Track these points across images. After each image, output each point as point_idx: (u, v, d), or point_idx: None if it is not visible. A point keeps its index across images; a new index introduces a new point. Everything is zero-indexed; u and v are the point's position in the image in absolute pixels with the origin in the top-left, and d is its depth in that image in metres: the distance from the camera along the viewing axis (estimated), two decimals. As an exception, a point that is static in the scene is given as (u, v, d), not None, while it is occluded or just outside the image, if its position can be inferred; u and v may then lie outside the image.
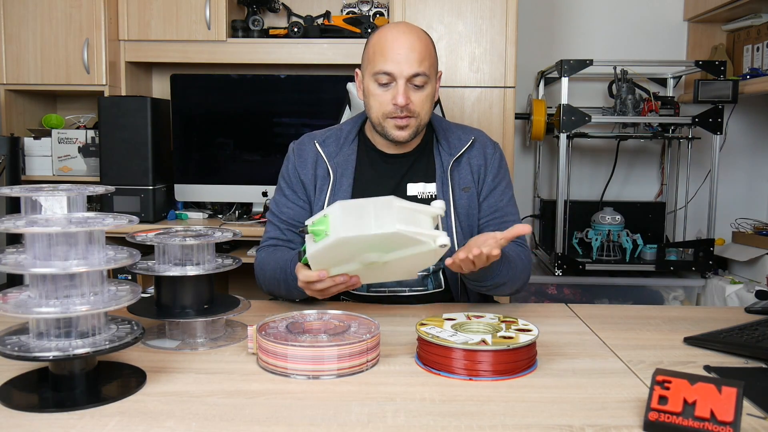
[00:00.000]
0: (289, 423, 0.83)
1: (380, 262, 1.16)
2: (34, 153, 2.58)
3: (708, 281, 2.58)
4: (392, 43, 1.37)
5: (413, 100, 1.38)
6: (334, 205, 1.11)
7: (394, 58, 1.36)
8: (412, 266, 1.21)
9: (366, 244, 1.10)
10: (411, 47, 1.36)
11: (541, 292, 2.63)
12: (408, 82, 1.37)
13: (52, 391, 0.92)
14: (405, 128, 1.41)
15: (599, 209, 2.68)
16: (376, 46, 1.39)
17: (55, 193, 0.92)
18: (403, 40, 1.37)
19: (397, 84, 1.37)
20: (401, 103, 1.36)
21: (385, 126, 1.41)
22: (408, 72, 1.36)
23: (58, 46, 2.48)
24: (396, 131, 1.41)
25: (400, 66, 1.36)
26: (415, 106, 1.39)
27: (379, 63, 1.37)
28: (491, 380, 0.97)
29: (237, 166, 2.62)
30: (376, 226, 1.07)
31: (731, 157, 2.89)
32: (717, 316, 1.36)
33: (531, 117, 2.69)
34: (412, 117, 1.40)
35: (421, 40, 1.39)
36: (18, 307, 0.89)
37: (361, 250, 1.13)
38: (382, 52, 1.37)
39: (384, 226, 1.07)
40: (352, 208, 1.09)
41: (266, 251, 1.47)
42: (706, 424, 0.78)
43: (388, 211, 1.08)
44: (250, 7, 2.61)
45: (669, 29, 2.90)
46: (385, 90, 1.39)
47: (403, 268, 1.21)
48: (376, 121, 1.43)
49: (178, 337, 1.15)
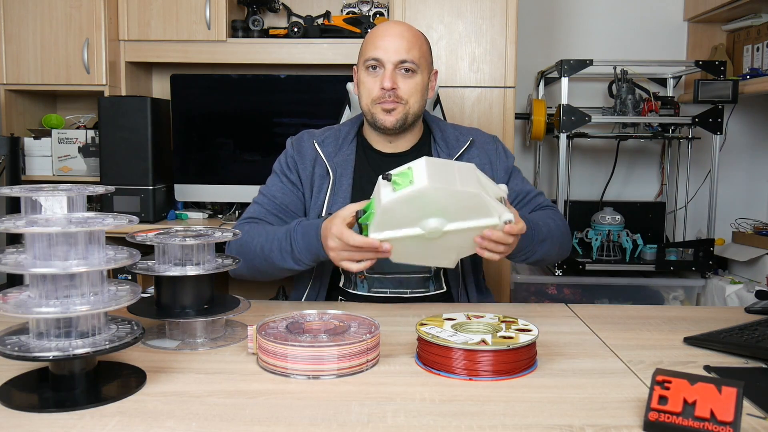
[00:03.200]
0: (289, 423, 0.83)
1: (438, 232, 1.14)
2: (34, 153, 2.58)
3: (708, 281, 2.58)
4: (382, 32, 1.42)
5: (401, 86, 1.41)
6: (418, 159, 1.11)
7: (382, 45, 1.40)
8: (461, 247, 1.19)
9: (440, 205, 1.10)
10: (400, 36, 1.41)
11: (541, 292, 2.63)
12: (396, 69, 1.40)
13: (52, 391, 0.92)
14: (392, 112, 1.42)
15: (599, 209, 2.68)
16: (368, 39, 1.44)
17: (55, 193, 0.92)
18: (393, 29, 1.42)
19: (385, 70, 1.40)
20: (387, 86, 1.39)
21: (374, 112, 1.44)
22: (395, 58, 1.40)
23: (58, 46, 2.48)
24: (383, 115, 1.42)
25: (388, 52, 1.40)
26: (403, 93, 1.41)
27: (369, 51, 1.42)
28: (491, 380, 0.97)
29: (237, 166, 2.62)
30: (461, 184, 1.08)
31: (731, 157, 2.89)
32: (717, 316, 1.36)
33: (531, 117, 2.69)
34: (400, 103, 1.42)
35: (411, 31, 1.43)
36: (18, 307, 0.88)
37: (430, 212, 1.12)
38: (372, 42, 1.42)
39: (468, 185, 1.08)
40: (437, 164, 1.11)
41: (248, 224, 1.44)
42: (706, 424, 0.78)
43: (470, 174, 1.12)
44: (250, 7, 2.61)
45: (669, 29, 2.90)
46: (374, 77, 1.42)
47: (451, 247, 1.18)
48: (365, 109, 1.45)
49: (178, 337, 1.15)
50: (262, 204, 1.48)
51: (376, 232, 1.15)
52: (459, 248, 1.20)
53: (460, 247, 1.19)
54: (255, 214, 1.47)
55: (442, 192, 1.08)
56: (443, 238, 1.15)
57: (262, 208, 1.48)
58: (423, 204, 1.10)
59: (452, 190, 1.08)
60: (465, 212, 1.12)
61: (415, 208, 1.11)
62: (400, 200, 1.09)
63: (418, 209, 1.11)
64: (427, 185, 1.06)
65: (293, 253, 1.32)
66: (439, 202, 1.10)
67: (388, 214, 1.12)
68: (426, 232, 1.13)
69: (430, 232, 1.13)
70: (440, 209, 1.11)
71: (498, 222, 1.13)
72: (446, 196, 1.08)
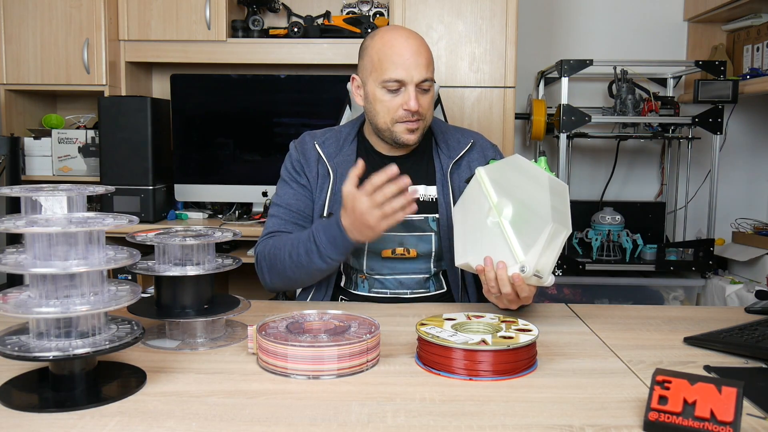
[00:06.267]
0: (289, 423, 0.83)
1: (495, 217, 1.19)
2: (34, 153, 2.58)
3: (708, 281, 2.58)
4: (399, 49, 1.37)
5: (421, 103, 1.39)
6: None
7: (403, 64, 1.36)
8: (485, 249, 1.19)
9: (532, 197, 1.16)
10: (418, 52, 1.37)
11: (541, 292, 2.63)
12: (416, 87, 1.38)
13: (52, 391, 0.92)
14: (415, 131, 1.42)
15: (599, 209, 2.68)
16: (381, 53, 1.39)
17: (55, 193, 0.92)
18: (409, 45, 1.37)
19: (407, 89, 1.37)
20: (414, 108, 1.37)
21: (395, 131, 1.41)
22: (417, 78, 1.37)
23: (58, 46, 2.48)
24: (407, 135, 1.41)
25: (410, 72, 1.36)
26: (423, 110, 1.40)
27: (388, 70, 1.37)
28: (491, 380, 0.97)
29: (237, 166, 2.62)
30: (552, 205, 1.14)
31: (731, 157, 2.89)
32: (717, 316, 1.36)
33: (531, 117, 2.69)
34: (421, 120, 1.41)
35: (424, 44, 1.41)
36: (18, 307, 0.88)
37: (520, 195, 1.18)
38: (390, 59, 1.37)
39: (555, 210, 1.14)
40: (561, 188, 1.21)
41: (272, 239, 1.44)
42: (706, 424, 0.78)
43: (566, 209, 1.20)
44: (250, 7, 2.61)
45: (669, 29, 2.90)
46: (393, 96, 1.39)
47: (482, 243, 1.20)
48: (383, 126, 1.42)
49: (178, 337, 1.15)
50: (279, 216, 1.48)
51: (486, 173, 1.26)
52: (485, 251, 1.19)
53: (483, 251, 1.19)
54: (275, 227, 1.47)
55: (543, 193, 1.15)
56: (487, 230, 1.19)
57: (280, 219, 1.47)
58: (523, 178, 1.19)
59: (546, 198, 1.14)
60: (524, 225, 1.15)
61: (514, 179, 1.20)
62: (511, 163, 1.23)
63: (515, 183, 1.20)
64: (547, 176, 1.17)
65: (319, 250, 1.32)
66: (533, 192, 1.16)
67: (498, 166, 1.25)
68: (495, 203, 1.20)
69: (496, 206, 1.19)
70: (522, 202, 1.17)
71: (521, 261, 1.13)
72: (539, 198, 1.15)
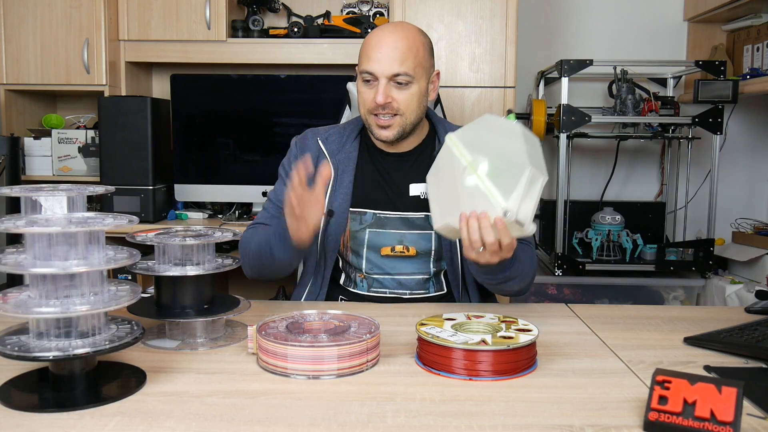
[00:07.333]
0: (289, 423, 0.83)
1: (471, 174, 1.16)
2: (34, 153, 2.58)
3: (708, 281, 2.58)
4: (376, 43, 1.39)
5: (396, 98, 1.39)
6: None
7: (375, 57, 1.38)
8: (464, 207, 1.18)
9: (505, 149, 1.15)
10: (394, 47, 1.38)
11: (541, 292, 2.63)
12: (390, 81, 1.38)
13: (52, 391, 0.92)
14: (388, 128, 1.41)
15: (599, 209, 2.68)
16: (364, 45, 1.42)
17: (55, 193, 0.92)
18: (388, 40, 1.39)
19: (378, 83, 1.39)
20: (380, 101, 1.38)
21: (370, 123, 1.44)
22: (388, 72, 1.37)
23: (58, 46, 2.48)
24: (378, 130, 1.42)
25: (381, 65, 1.37)
26: (399, 104, 1.40)
27: (363, 62, 1.40)
28: (491, 380, 0.97)
29: (237, 166, 2.62)
30: (528, 151, 1.13)
31: (731, 157, 2.89)
32: (717, 316, 1.36)
33: (531, 117, 2.68)
34: (397, 115, 1.40)
35: (407, 40, 1.39)
36: (18, 307, 0.88)
37: (493, 149, 1.16)
38: (366, 52, 1.40)
39: (528, 157, 1.13)
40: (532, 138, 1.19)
41: (254, 229, 1.48)
42: (706, 424, 0.78)
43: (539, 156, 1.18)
44: (250, 7, 2.61)
45: (669, 29, 2.90)
46: (369, 88, 1.41)
47: (459, 203, 1.18)
48: (363, 118, 1.45)
49: (178, 337, 1.15)
50: (268, 209, 1.51)
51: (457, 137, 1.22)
52: (465, 206, 1.17)
53: (462, 206, 1.17)
54: (260, 219, 1.50)
55: (517, 142, 1.14)
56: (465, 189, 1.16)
57: (267, 212, 1.51)
58: (500, 136, 1.17)
59: (521, 146, 1.14)
60: (504, 176, 1.13)
61: (489, 138, 1.18)
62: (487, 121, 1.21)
63: (491, 141, 1.17)
64: (520, 127, 1.17)
65: (271, 244, 1.35)
66: (508, 145, 1.15)
67: (471, 128, 1.22)
68: (470, 161, 1.16)
69: (471, 164, 1.16)
70: (501, 156, 1.15)
71: (503, 208, 1.10)
72: (519, 145, 1.14)
